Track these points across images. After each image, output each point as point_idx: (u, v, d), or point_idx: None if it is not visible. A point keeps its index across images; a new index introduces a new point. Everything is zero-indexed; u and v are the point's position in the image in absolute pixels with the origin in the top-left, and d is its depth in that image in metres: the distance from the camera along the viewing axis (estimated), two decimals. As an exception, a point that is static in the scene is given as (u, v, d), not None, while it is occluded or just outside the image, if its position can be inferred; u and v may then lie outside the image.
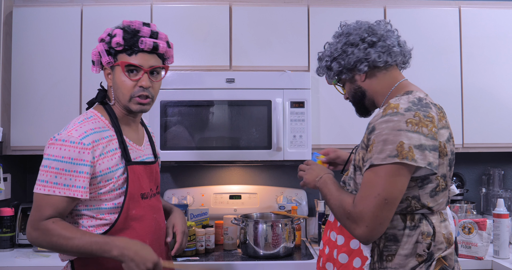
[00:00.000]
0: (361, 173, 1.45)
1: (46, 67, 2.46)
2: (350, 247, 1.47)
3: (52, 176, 1.44)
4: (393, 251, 1.42)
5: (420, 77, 2.53)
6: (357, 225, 1.35)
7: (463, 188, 2.74)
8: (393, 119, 1.35)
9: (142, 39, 1.51)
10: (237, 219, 2.32)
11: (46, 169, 1.46)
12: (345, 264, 1.48)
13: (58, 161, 1.44)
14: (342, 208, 1.40)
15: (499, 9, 2.59)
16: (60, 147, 1.45)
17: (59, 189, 1.43)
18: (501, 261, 2.17)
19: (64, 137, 1.46)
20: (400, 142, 1.32)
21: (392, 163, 1.32)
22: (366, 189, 1.35)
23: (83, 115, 1.56)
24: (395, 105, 1.38)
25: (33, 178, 2.83)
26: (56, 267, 2.16)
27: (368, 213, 1.33)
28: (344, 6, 2.55)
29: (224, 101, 2.40)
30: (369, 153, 1.38)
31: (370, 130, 1.41)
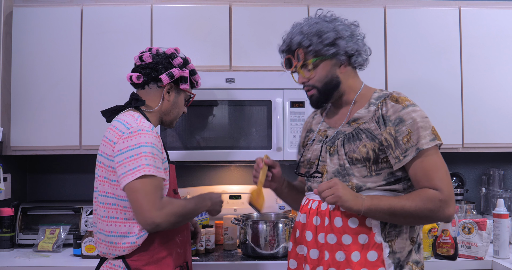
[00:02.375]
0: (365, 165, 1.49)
1: (46, 67, 2.46)
2: (360, 242, 1.47)
3: (144, 159, 1.52)
4: (392, 237, 1.49)
5: (420, 77, 2.54)
6: (451, 205, 1.44)
7: (463, 188, 2.74)
8: (417, 109, 1.49)
9: (198, 82, 1.88)
10: (237, 219, 2.32)
11: (134, 157, 1.52)
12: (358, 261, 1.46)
13: (143, 146, 1.54)
14: (431, 202, 1.42)
15: (499, 9, 2.59)
16: (140, 136, 1.56)
17: (156, 170, 1.54)
18: (501, 261, 2.17)
19: (139, 127, 1.58)
20: (432, 126, 1.48)
21: (435, 145, 1.46)
22: (437, 172, 1.45)
23: (131, 114, 1.67)
24: (405, 98, 1.52)
25: (33, 178, 2.84)
26: (56, 267, 2.17)
27: (452, 189, 1.46)
28: (344, 6, 2.54)
29: (224, 101, 2.40)
30: (407, 142, 1.46)
31: (396, 121, 1.47)
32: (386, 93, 1.55)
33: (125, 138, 1.55)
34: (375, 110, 1.52)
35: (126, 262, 1.58)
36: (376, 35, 2.54)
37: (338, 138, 1.56)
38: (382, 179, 1.50)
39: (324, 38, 1.52)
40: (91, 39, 2.47)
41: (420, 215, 1.43)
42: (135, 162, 1.51)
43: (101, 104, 2.42)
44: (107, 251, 1.62)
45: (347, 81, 1.59)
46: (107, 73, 2.46)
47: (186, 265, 1.74)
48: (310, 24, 1.56)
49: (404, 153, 1.45)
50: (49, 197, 2.83)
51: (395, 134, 1.47)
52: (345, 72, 1.58)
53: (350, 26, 1.59)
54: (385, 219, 1.46)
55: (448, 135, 2.53)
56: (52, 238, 2.39)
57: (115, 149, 1.56)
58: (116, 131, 1.60)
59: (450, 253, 2.19)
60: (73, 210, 2.53)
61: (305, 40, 1.54)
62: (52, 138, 2.44)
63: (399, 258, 1.48)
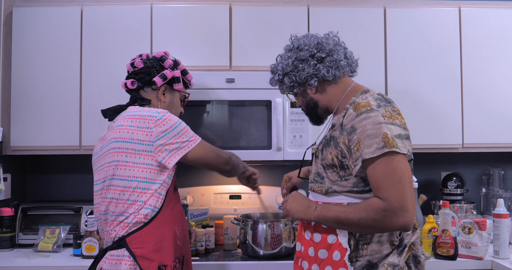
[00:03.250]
0: (334, 171, 1.55)
1: (46, 67, 2.46)
2: (328, 242, 1.54)
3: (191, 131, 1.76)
4: (368, 240, 1.50)
5: (420, 77, 2.54)
6: (401, 215, 1.39)
7: (463, 188, 2.74)
8: (370, 115, 1.45)
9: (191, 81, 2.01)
10: (237, 219, 2.32)
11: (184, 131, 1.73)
12: (325, 259, 1.54)
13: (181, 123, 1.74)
14: (373, 212, 1.41)
15: (499, 9, 2.59)
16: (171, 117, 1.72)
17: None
18: (501, 261, 2.17)
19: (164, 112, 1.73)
20: (384, 133, 1.42)
21: (382, 154, 1.40)
22: (384, 181, 1.41)
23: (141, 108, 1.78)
24: (366, 103, 1.49)
25: (33, 178, 2.84)
26: (56, 267, 2.16)
27: (405, 198, 1.39)
28: (344, 6, 2.55)
29: (224, 101, 2.40)
30: (357, 152, 1.46)
31: (350, 130, 1.48)
32: (356, 98, 1.54)
33: (162, 121, 1.69)
34: (341, 117, 1.55)
35: (131, 250, 1.63)
36: (376, 35, 2.54)
37: (321, 143, 1.65)
38: (351, 184, 1.52)
39: (276, 79, 1.70)
40: (91, 39, 2.47)
41: (364, 225, 1.43)
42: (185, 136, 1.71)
43: (101, 104, 2.43)
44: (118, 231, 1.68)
45: (323, 99, 1.65)
46: (107, 73, 2.46)
47: (183, 258, 1.78)
48: (276, 61, 1.72)
49: (355, 162, 1.47)
50: (49, 197, 2.83)
51: (348, 143, 1.49)
52: (317, 92, 1.65)
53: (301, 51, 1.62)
54: (336, 227, 1.51)
55: (448, 135, 2.54)
56: (52, 238, 2.39)
57: (155, 133, 1.67)
58: (144, 118, 1.69)
59: (450, 253, 2.19)
60: (73, 210, 2.53)
61: (270, 81, 1.75)
62: (52, 138, 2.44)
63: (370, 260, 1.50)
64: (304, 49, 1.62)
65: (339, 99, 1.62)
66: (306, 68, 1.60)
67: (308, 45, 1.62)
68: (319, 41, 1.63)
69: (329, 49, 1.61)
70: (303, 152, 2.40)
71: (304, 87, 1.66)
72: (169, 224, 1.71)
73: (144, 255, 1.64)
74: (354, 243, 1.51)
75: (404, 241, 1.53)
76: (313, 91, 1.65)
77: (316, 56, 1.61)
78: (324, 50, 1.61)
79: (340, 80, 1.64)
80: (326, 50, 1.61)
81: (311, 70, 1.60)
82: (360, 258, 1.50)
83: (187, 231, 1.85)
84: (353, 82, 1.65)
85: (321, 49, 1.61)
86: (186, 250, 1.82)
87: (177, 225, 1.75)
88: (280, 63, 1.67)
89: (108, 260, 1.67)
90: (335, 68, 1.60)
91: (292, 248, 2.29)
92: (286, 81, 1.66)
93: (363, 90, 1.58)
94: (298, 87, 1.66)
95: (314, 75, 1.61)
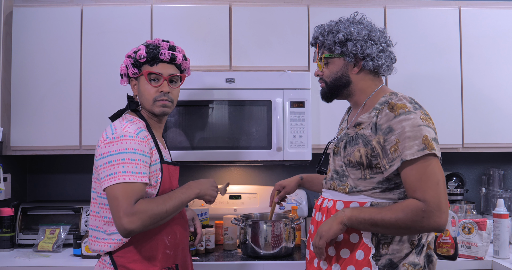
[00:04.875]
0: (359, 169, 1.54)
1: (46, 67, 2.46)
2: (351, 241, 1.53)
3: (121, 167, 1.54)
4: (389, 239, 1.51)
5: (420, 77, 2.54)
6: (438, 216, 1.40)
7: (463, 188, 2.74)
8: (409, 117, 1.46)
9: (162, 51, 1.72)
10: (237, 219, 2.32)
11: (112, 164, 1.55)
12: (347, 258, 1.53)
13: (122, 153, 1.56)
14: (412, 213, 1.41)
15: (499, 9, 2.59)
16: (121, 142, 1.57)
17: (134, 176, 1.54)
18: (501, 261, 2.17)
19: (122, 133, 1.59)
20: (424, 135, 1.44)
21: (423, 155, 1.42)
22: (422, 182, 1.42)
23: (123, 118, 1.70)
24: (403, 105, 1.49)
25: (33, 178, 2.84)
26: (56, 267, 2.16)
27: (442, 199, 1.41)
28: (344, 6, 2.55)
29: (224, 101, 2.40)
30: (394, 152, 1.46)
31: (386, 131, 1.48)
32: (388, 99, 1.53)
33: (107, 144, 1.58)
34: (373, 116, 1.54)
35: (112, 258, 1.63)
36: (376, 35, 2.54)
37: (342, 140, 1.62)
38: (375, 183, 1.53)
39: (336, 37, 1.58)
40: (91, 39, 2.47)
41: (402, 226, 1.44)
42: (112, 169, 1.54)
43: (101, 104, 2.44)
44: (97, 248, 1.66)
45: (359, 83, 1.62)
46: (107, 73, 2.46)
47: (176, 267, 1.73)
48: (334, 23, 1.63)
49: (391, 162, 1.47)
50: (49, 197, 2.83)
51: (384, 143, 1.48)
52: (358, 74, 1.61)
53: (372, 31, 1.60)
54: (368, 230, 1.50)
55: (448, 135, 2.54)
56: (52, 238, 2.39)
57: (98, 153, 1.61)
58: (103, 135, 1.63)
59: (450, 253, 2.19)
60: (73, 210, 2.53)
61: (321, 37, 1.63)
62: (52, 138, 2.44)
63: (392, 259, 1.51)
64: (374, 30, 1.60)
65: (369, 94, 1.61)
66: (374, 48, 1.58)
67: (376, 31, 1.61)
68: (385, 34, 1.63)
69: (389, 44, 1.63)
70: (303, 152, 2.40)
71: (355, 62, 1.60)
72: (156, 234, 1.66)
73: (124, 264, 1.62)
74: (375, 242, 1.51)
75: (422, 240, 1.54)
76: (356, 71, 1.61)
77: (382, 44, 1.60)
78: (387, 43, 1.62)
79: (379, 77, 1.65)
80: (387, 43, 1.63)
81: (375, 53, 1.58)
82: (381, 257, 1.51)
83: (183, 238, 1.78)
84: (382, 83, 1.66)
85: (386, 42, 1.62)
86: (181, 257, 1.76)
87: (166, 234, 1.69)
88: (348, 28, 1.58)
89: (98, 263, 1.69)
90: (388, 65, 1.62)
91: (292, 248, 2.29)
92: (349, 45, 1.57)
93: (391, 91, 1.59)
94: (353, 58, 1.59)
95: (374, 59, 1.58)
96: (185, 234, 1.80)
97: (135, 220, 1.49)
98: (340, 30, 1.59)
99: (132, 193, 1.52)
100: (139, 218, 1.50)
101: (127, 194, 1.51)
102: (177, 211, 1.63)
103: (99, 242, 1.65)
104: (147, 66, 1.73)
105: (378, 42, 1.59)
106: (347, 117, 1.75)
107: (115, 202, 1.51)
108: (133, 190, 1.53)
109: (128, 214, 1.49)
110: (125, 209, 1.49)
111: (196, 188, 1.70)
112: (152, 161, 1.64)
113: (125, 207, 1.49)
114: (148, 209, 1.52)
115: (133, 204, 1.51)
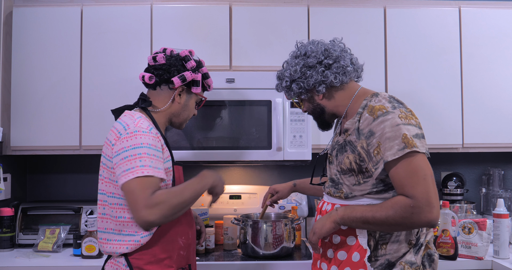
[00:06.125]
0: (352, 175, 1.57)
1: (46, 67, 2.46)
2: (347, 243, 1.56)
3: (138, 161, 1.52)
4: (387, 240, 1.53)
5: (420, 77, 2.54)
6: (428, 211, 1.41)
7: (463, 188, 2.74)
8: (387, 118, 1.47)
9: (211, 85, 1.88)
10: (237, 219, 2.32)
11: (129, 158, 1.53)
12: (344, 260, 1.55)
13: (138, 148, 1.54)
14: (401, 209, 1.42)
15: (499, 9, 2.59)
16: (136, 137, 1.56)
17: (151, 170, 1.52)
18: (501, 261, 2.17)
19: (136, 129, 1.58)
20: (403, 134, 1.44)
21: (404, 154, 1.43)
22: (409, 179, 1.43)
23: (132, 115, 1.67)
24: (380, 106, 1.50)
25: (33, 178, 2.84)
26: (56, 267, 2.16)
27: (431, 194, 1.41)
28: (344, 6, 2.55)
29: (224, 101, 2.40)
30: (377, 155, 1.48)
31: (368, 135, 1.50)
32: (368, 102, 1.55)
33: (122, 139, 1.56)
34: (355, 122, 1.56)
35: (128, 260, 1.60)
36: (376, 35, 2.54)
37: (334, 148, 1.65)
38: (370, 186, 1.54)
39: (283, 85, 1.69)
40: (91, 39, 2.47)
41: (393, 223, 1.45)
42: (130, 164, 1.52)
43: (101, 104, 2.44)
44: (111, 250, 1.63)
45: (330, 104, 1.67)
46: (107, 73, 2.46)
47: (188, 267, 1.73)
48: (284, 65, 1.71)
49: (375, 165, 1.49)
50: (49, 197, 2.83)
51: (367, 147, 1.50)
52: (325, 98, 1.66)
53: (309, 58, 1.63)
54: (361, 228, 1.51)
55: (448, 135, 2.54)
56: (52, 238, 2.39)
57: (113, 150, 1.58)
58: (115, 132, 1.61)
59: (450, 253, 2.19)
60: (73, 210, 2.53)
61: (278, 87, 1.74)
62: (52, 138, 2.44)
63: (389, 259, 1.52)
64: (312, 55, 1.63)
65: (347, 104, 1.64)
66: (314, 74, 1.61)
67: (315, 52, 1.63)
68: (326, 47, 1.64)
69: (336, 56, 1.62)
70: (303, 152, 2.40)
71: (312, 93, 1.66)
72: (171, 235, 1.66)
73: (141, 266, 1.60)
74: (373, 243, 1.53)
75: (420, 240, 1.55)
76: (320, 97, 1.66)
77: (323, 63, 1.62)
78: (331, 57, 1.62)
79: (347, 85, 1.65)
80: (333, 56, 1.62)
81: (319, 77, 1.61)
82: (379, 258, 1.52)
83: (193, 238, 1.79)
84: (359, 87, 1.66)
85: (328, 55, 1.62)
86: (192, 257, 1.78)
87: (180, 235, 1.69)
88: (288, 70, 1.67)
89: (109, 264, 1.67)
90: (342, 74, 1.62)
91: (292, 248, 2.29)
92: (294, 88, 1.66)
93: (372, 93, 1.60)
94: (306, 93, 1.66)
95: (322, 82, 1.62)
96: (195, 234, 1.81)
97: (155, 211, 1.47)
98: (284, 76, 1.67)
99: (150, 185, 1.50)
100: (160, 209, 1.48)
101: (145, 186, 1.49)
102: (193, 202, 1.61)
103: (113, 244, 1.62)
104: (201, 92, 1.85)
105: (317, 65, 1.62)
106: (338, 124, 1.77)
107: (133, 196, 1.49)
108: (151, 183, 1.51)
109: (148, 205, 1.47)
110: (144, 201, 1.47)
111: (210, 178, 1.68)
112: (165, 158, 1.64)
113: (143, 199, 1.47)
114: (167, 199, 1.50)
115: (151, 195, 1.48)
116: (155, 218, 1.48)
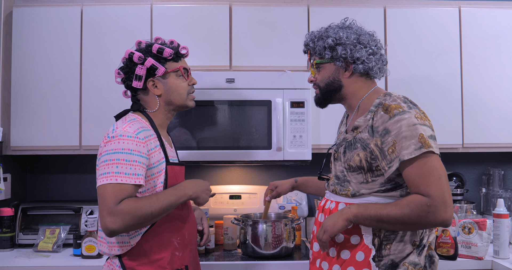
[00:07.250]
0: (360, 173, 1.55)
1: (46, 67, 2.46)
2: (351, 242, 1.55)
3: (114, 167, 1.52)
4: (391, 240, 1.52)
5: (420, 77, 2.54)
6: (443, 210, 1.41)
7: (463, 188, 2.74)
8: (404, 117, 1.47)
9: (181, 47, 1.76)
10: (237, 219, 2.32)
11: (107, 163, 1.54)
12: (347, 259, 1.54)
13: (118, 153, 1.54)
14: (417, 208, 1.42)
15: (499, 9, 2.59)
16: (118, 142, 1.55)
17: (126, 177, 1.52)
18: (501, 261, 2.17)
19: (121, 133, 1.57)
20: (420, 134, 1.45)
21: (420, 154, 1.43)
22: (424, 178, 1.43)
23: (126, 118, 1.68)
24: (397, 105, 1.49)
25: (33, 178, 2.84)
26: (56, 267, 2.16)
27: (446, 194, 1.42)
28: (344, 6, 2.55)
29: (224, 101, 2.40)
30: (392, 153, 1.47)
31: (383, 133, 1.49)
32: (382, 100, 1.55)
33: (106, 143, 1.57)
34: (369, 119, 1.55)
35: (122, 261, 1.61)
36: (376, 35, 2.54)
37: (341, 145, 1.64)
38: (378, 185, 1.54)
39: (326, 42, 1.61)
40: (91, 39, 2.47)
41: (408, 221, 1.44)
42: (107, 168, 1.52)
43: (101, 104, 2.44)
44: (106, 251, 1.65)
45: (350, 86, 1.63)
46: (107, 73, 2.45)
47: (185, 268, 1.72)
48: (323, 29, 1.66)
49: (389, 163, 1.49)
50: (49, 197, 2.83)
51: (381, 145, 1.50)
52: (349, 78, 1.63)
53: (361, 35, 1.61)
54: (374, 226, 1.50)
55: (448, 135, 2.54)
56: (52, 238, 2.39)
57: (98, 152, 1.61)
58: (105, 135, 1.62)
59: (450, 253, 2.19)
60: (73, 210, 2.53)
61: (311, 43, 1.66)
62: (52, 138, 2.44)
63: (393, 259, 1.52)
64: (363, 34, 1.62)
65: (362, 96, 1.63)
66: (363, 52, 1.59)
67: (366, 34, 1.63)
68: (374, 37, 1.65)
69: (379, 47, 1.64)
70: (303, 152, 2.39)
71: (346, 65, 1.62)
72: (165, 236, 1.65)
73: (133, 267, 1.60)
74: (378, 243, 1.52)
75: (423, 240, 1.55)
76: (347, 75, 1.63)
77: (372, 48, 1.61)
78: (377, 46, 1.63)
79: (371, 80, 1.66)
80: (378, 46, 1.64)
81: (365, 56, 1.59)
82: (383, 258, 1.52)
83: (192, 238, 1.76)
84: (375, 85, 1.67)
85: (375, 44, 1.63)
86: (190, 258, 1.74)
87: (175, 236, 1.67)
88: (337, 33, 1.61)
89: (107, 264, 1.68)
90: (379, 67, 1.63)
91: (292, 248, 2.29)
92: (339, 50, 1.59)
93: (384, 92, 1.60)
94: (343, 62, 1.61)
95: (365, 62, 1.60)
96: (194, 235, 1.79)
97: (116, 220, 1.47)
98: (330, 35, 1.61)
99: (119, 193, 1.49)
100: (121, 218, 1.47)
101: (114, 194, 1.49)
102: (165, 213, 1.58)
103: (108, 245, 1.63)
104: (172, 63, 1.72)
105: (367, 46, 1.61)
106: (345, 121, 1.76)
107: (101, 201, 1.50)
108: (121, 191, 1.50)
109: (111, 213, 1.47)
110: (108, 208, 1.47)
111: (189, 190, 1.65)
112: (156, 162, 1.62)
113: (108, 206, 1.47)
114: (131, 210, 1.49)
115: (117, 204, 1.48)
116: (115, 227, 1.48)
